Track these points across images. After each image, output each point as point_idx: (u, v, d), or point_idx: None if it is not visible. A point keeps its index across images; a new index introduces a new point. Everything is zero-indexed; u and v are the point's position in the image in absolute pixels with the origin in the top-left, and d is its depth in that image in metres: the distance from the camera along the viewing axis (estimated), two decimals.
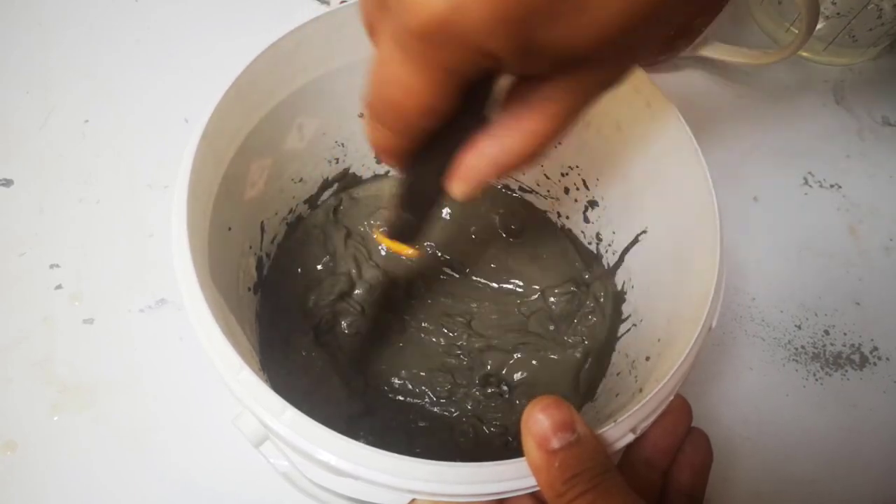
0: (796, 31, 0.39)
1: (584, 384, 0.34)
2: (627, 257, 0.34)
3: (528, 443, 0.20)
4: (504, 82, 0.18)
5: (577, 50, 0.15)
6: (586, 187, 0.35)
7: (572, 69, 0.16)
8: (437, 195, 0.21)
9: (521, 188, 0.39)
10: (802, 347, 0.39)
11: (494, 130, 0.18)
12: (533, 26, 0.14)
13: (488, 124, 0.18)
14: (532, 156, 0.18)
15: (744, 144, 0.46)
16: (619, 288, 0.35)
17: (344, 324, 0.34)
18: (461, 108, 0.17)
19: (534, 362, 0.35)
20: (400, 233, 0.23)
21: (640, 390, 0.27)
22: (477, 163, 0.19)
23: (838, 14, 0.45)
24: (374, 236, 0.24)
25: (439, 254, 0.37)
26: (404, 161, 0.19)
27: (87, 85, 0.43)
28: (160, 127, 0.42)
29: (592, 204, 0.35)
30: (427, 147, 0.18)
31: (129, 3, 0.47)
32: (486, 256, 0.38)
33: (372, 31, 0.17)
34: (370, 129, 0.18)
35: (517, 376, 0.34)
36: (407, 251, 0.24)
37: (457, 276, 0.37)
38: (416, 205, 0.22)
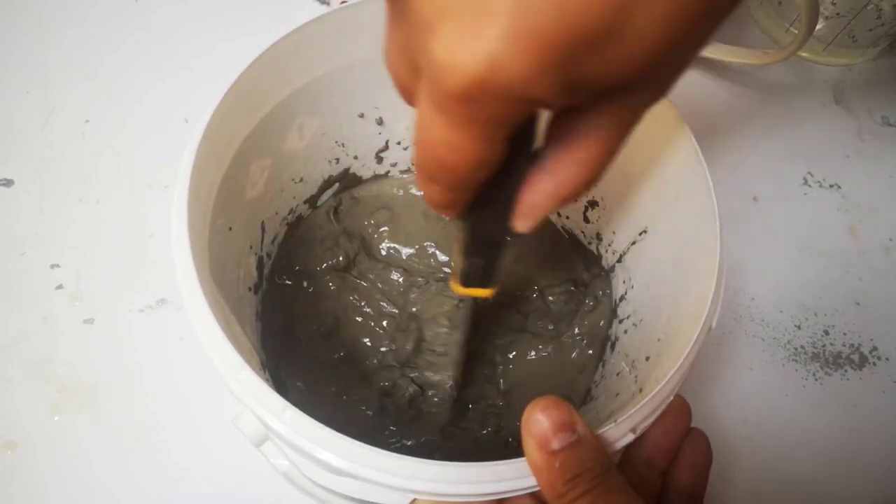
0: (796, 32, 0.39)
1: (584, 384, 0.34)
2: (627, 257, 0.34)
3: (529, 443, 0.20)
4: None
5: (622, 78, 0.14)
6: None
7: (619, 94, 0.16)
8: (501, 234, 0.21)
9: None
10: (802, 347, 0.39)
11: (547, 165, 0.18)
12: (574, 66, 0.13)
13: (538, 157, 0.18)
14: (589, 183, 0.18)
15: (744, 144, 0.46)
16: (619, 288, 0.35)
17: (344, 323, 0.34)
18: (511, 151, 0.17)
19: (533, 362, 0.34)
20: (474, 278, 0.24)
21: (640, 390, 0.27)
22: (536, 200, 0.19)
23: (838, 14, 0.45)
24: (452, 287, 0.25)
25: (439, 253, 0.37)
26: (463, 212, 0.20)
27: (87, 85, 0.43)
28: (160, 127, 0.42)
29: (592, 204, 0.35)
30: (484, 195, 0.18)
31: (129, 3, 0.47)
32: None
33: (406, 93, 0.17)
34: (424, 189, 0.18)
35: (517, 376, 0.34)
36: (485, 293, 0.24)
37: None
38: (483, 248, 0.22)
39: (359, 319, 0.35)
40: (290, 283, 0.35)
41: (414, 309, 0.36)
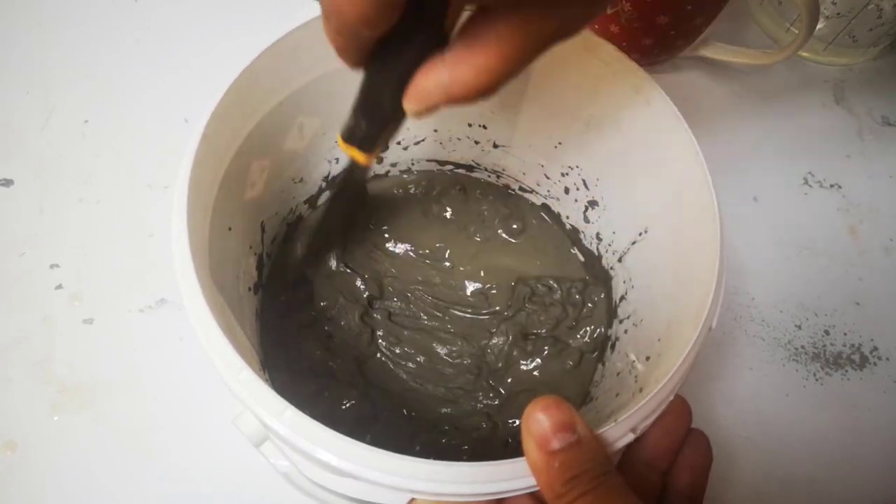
0: (796, 32, 0.39)
1: (584, 384, 0.34)
2: (627, 257, 0.34)
3: (528, 443, 0.20)
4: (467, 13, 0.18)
5: None
6: (586, 187, 0.35)
7: (523, 6, 0.16)
8: (390, 106, 0.21)
9: (521, 188, 0.39)
10: (802, 347, 0.39)
11: (448, 57, 0.18)
12: None
13: (445, 49, 0.19)
14: (481, 91, 0.18)
15: (744, 144, 0.46)
16: (619, 288, 0.35)
17: (344, 324, 0.34)
18: (408, 22, 0.17)
19: (533, 362, 0.34)
20: (355, 138, 0.24)
21: (640, 390, 0.27)
22: (428, 85, 0.19)
23: (838, 14, 0.45)
24: (336, 140, 0.24)
25: (439, 253, 0.37)
26: (355, 62, 0.20)
27: (87, 85, 0.43)
28: (160, 127, 0.42)
29: (592, 204, 0.35)
30: (382, 56, 0.19)
31: (129, 3, 0.47)
32: (486, 256, 0.38)
33: None
34: (324, 27, 0.19)
35: (516, 376, 0.34)
36: (359, 158, 0.24)
37: (456, 275, 0.37)
38: (372, 114, 0.22)
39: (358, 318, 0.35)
40: (289, 283, 0.35)
41: (413, 307, 0.36)
